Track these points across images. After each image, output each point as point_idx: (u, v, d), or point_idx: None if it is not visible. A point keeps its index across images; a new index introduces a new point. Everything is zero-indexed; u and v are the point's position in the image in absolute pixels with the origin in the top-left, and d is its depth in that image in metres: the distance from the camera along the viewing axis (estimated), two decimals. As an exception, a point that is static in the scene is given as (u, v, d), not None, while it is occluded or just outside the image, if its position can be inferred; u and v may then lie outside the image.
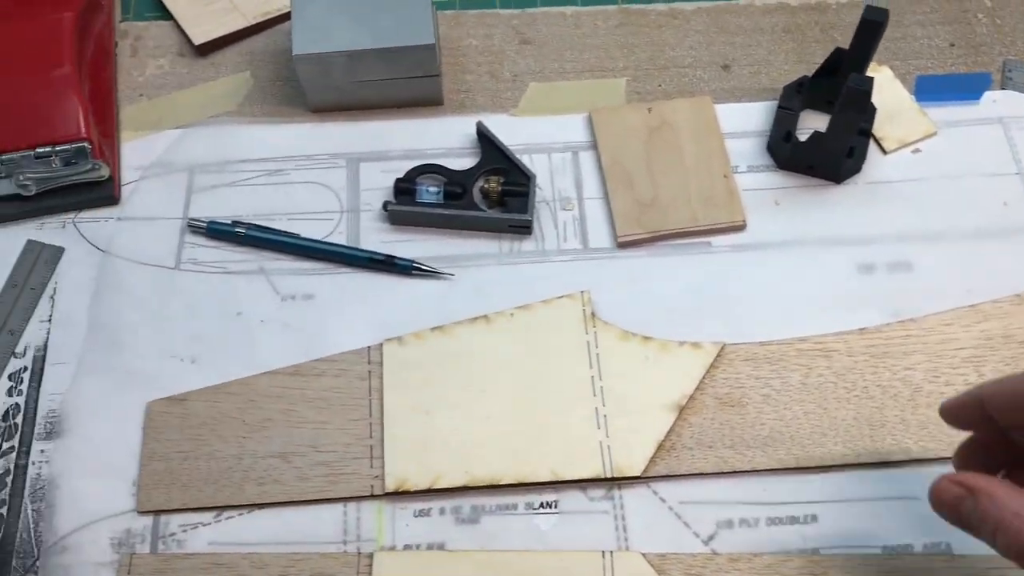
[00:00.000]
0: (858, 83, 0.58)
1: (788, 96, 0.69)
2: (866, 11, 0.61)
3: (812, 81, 0.68)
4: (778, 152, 0.67)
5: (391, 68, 0.66)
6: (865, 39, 0.62)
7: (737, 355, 0.61)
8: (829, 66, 0.67)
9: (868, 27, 0.61)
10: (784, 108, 0.68)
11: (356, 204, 0.66)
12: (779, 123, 0.67)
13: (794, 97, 0.68)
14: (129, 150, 0.67)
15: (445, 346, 0.60)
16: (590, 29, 0.73)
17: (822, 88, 0.68)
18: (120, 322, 0.61)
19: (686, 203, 0.65)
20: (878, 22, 0.61)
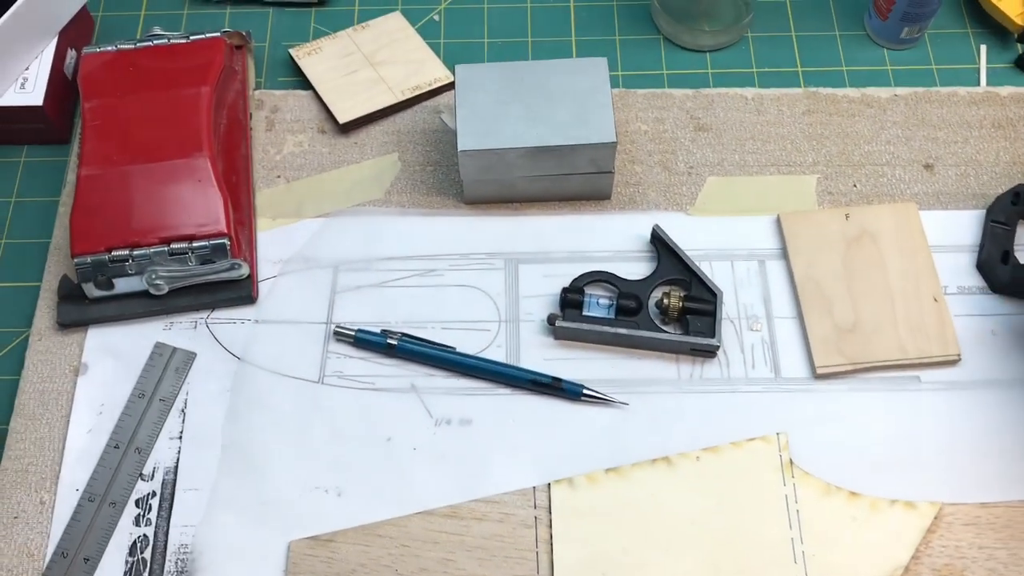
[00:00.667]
0: None
1: (1001, 208, 0.61)
2: None
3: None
4: (993, 274, 0.59)
5: (563, 165, 0.59)
6: None
7: (956, 518, 0.53)
8: None
9: None
10: (997, 223, 0.60)
11: (516, 313, 0.59)
12: (993, 240, 0.59)
13: (1009, 209, 0.60)
14: (267, 240, 0.61)
15: (622, 492, 0.53)
16: (774, 115, 0.65)
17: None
18: (258, 443, 0.55)
19: (892, 330, 0.57)
20: None
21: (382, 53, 0.67)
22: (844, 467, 0.54)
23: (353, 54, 0.67)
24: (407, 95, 0.65)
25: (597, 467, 0.54)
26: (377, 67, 0.66)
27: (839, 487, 0.53)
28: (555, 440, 0.55)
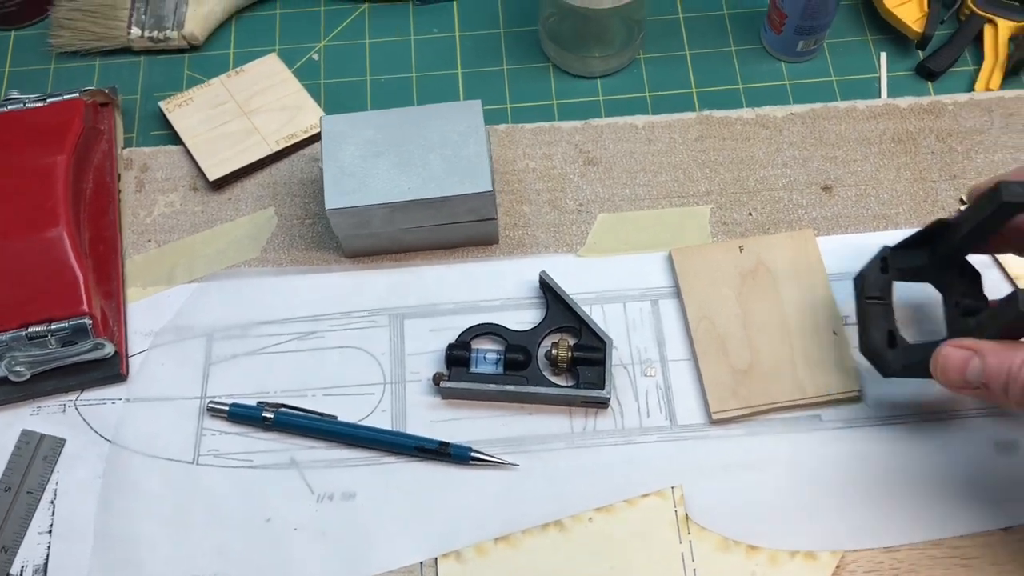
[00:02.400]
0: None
1: (873, 280, 0.53)
2: (1006, 189, 0.45)
3: (894, 253, 0.54)
4: (883, 362, 0.52)
5: (440, 215, 0.56)
6: (996, 221, 0.47)
7: (859, 565, 0.51)
8: (920, 238, 0.53)
9: (1005, 210, 0.46)
10: (873, 300, 0.53)
11: (402, 374, 0.56)
12: (873, 322, 0.53)
13: (880, 280, 0.54)
14: (137, 312, 0.58)
15: (512, 562, 0.51)
16: (666, 144, 0.63)
17: (913, 260, 0.53)
18: (132, 533, 0.52)
19: (790, 368, 0.55)
20: (1017, 204, 0.45)
21: (256, 100, 0.64)
22: (742, 520, 0.52)
23: (226, 103, 0.64)
24: (282, 145, 0.62)
25: (488, 535, 0.52)
26: (251, 116, 0.63)
27: (737, 541, 0.51)
28: (444, 509, 0.53)
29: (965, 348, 0.45)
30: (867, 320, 0.53)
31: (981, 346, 0.44)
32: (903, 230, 0.59)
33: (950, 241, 0.50)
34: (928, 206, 0.60)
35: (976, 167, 0.61)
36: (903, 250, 0.54)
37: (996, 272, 0.58)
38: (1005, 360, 0.43)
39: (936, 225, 0.51)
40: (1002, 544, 0.51)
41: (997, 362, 0.43)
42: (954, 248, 0.51)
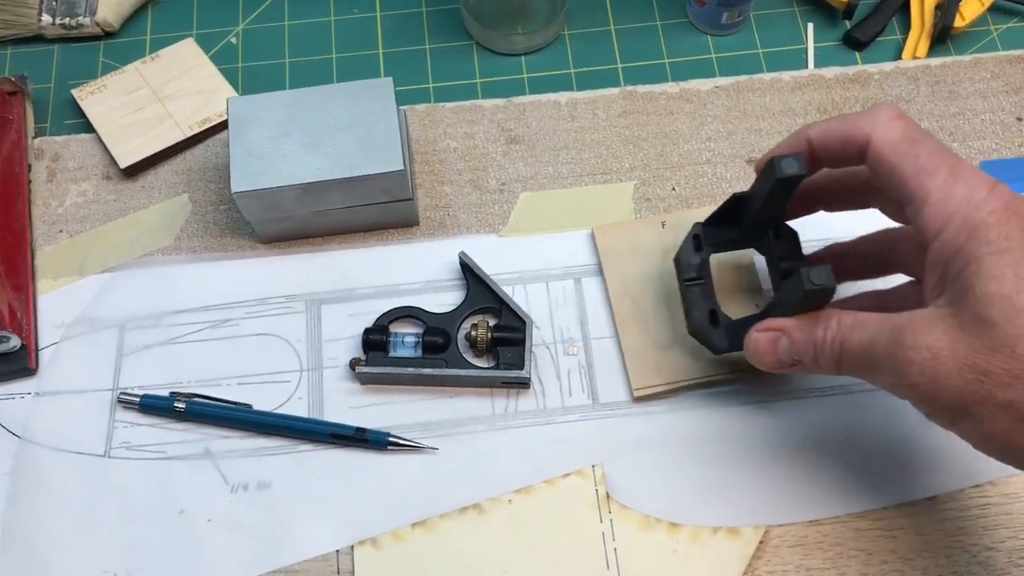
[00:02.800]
0: (820, 281, 0.42)
1: (687, 261, 0.52)
2: (777, 167, 0.44)
3: (706, 229, 0.53)
4: (710, 343, 0.51)
5: (353, 197, 0.55)
6: (781, 194, 0.47)
7: (783, 540, 0.50)
8: (726, 212, 0.52)
9: (784, 184, 0.45)
10: (691, 281, 0.52)
11: (319, 360, 0.55)
12: (695, 305, 0.52)
13: (696, 260, 0.52)
14: (47, 304, 0.57)
15: (430, 547, 0.50)
16: (589, 120, 0.62)
17: (726, 234, 0.53)
18: (40, 530, 0.51)
19: None
20: (796, 177, 0.44)
21: (171, 86, 0.63)
22: (665, 498, 0.51)
23: (140, 89, 0.62)
24: (195, 130, 0.61)
25: (407, 521, 0.51)
26: (164, 102, 0.62)
27: (659, 519, 0.50)
28: (362, 496, 0.52)
29: (772, 329, 0.45)
30: (688, 302, 0.52)
31: (784, 324, 0.45)
32: (828, 201, 0.59)
33: (751, 213, 0.50)
34: (853, 176, 0.59)
35: (902, 136, 0.61)
36: (714, 225, 0.53)
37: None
38: (810, 333, 0.43)
39: (734, 200, 0.50)
40: (927, 513, 0.50)
41: (803, 337, 0.43)
42: (758, 218, 0.50)
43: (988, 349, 0.36)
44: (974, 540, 0.50)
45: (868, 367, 0.41)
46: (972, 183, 0.39)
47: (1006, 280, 0.36)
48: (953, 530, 0.50)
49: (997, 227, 0.37)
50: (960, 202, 0.39)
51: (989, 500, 0.51)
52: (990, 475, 0.51)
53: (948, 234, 0.39)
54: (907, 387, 0.39)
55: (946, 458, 0.51)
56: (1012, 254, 0.37)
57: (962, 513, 0.50)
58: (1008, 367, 0.36)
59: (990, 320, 0.36)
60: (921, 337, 0.38)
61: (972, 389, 0.37)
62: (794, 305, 0.45)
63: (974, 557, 0.49)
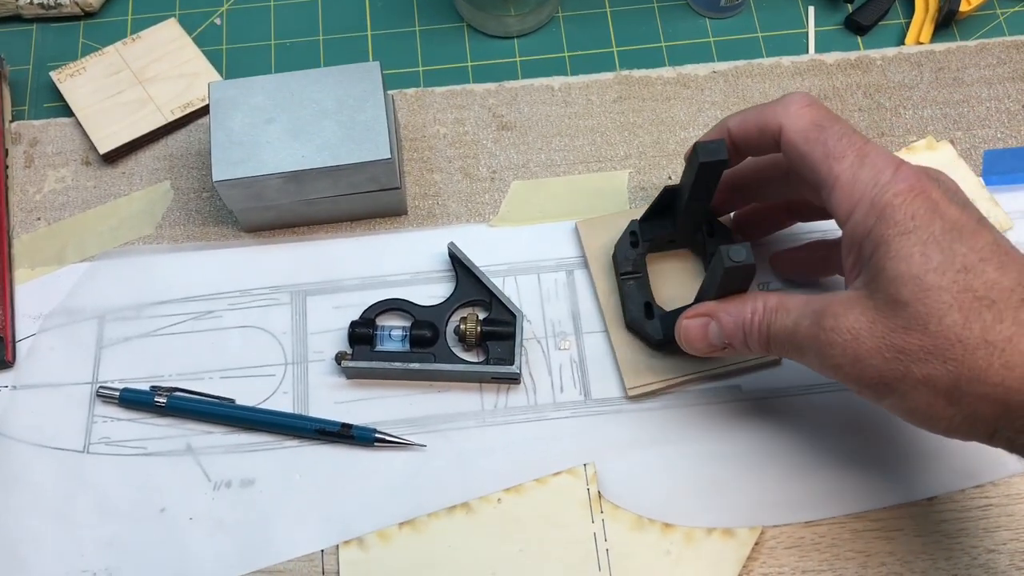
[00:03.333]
0: (738, 258, 0.42)
1: (624, 255, 0.53)
2: (698, 150, 0.45)
3: (643, 226, 0.53)
4: (646, 335, 0.51)
5: (340, 185, 0.53)
6: (706, 181, 0.47)
7: (779, 542, 0.49)
8: (660, 207, 0.52)
9: (708, 169, 0.45)
10: (627, 275, 0.52)
11: (304, 353, 0.54)
12: (630, 299, 0.52)
13: (632, 255, 0.53)
14: (25, 295, 0.55)
15: (417, 547, 0.49)
16: (583, 106, 0.60)
17: (662, 229, 0.53)
18: (18, 529, 0.50)
19: None
20: (720, 161, 0.45)
21: (152, 68, 0.61)
22: (658, 498, 0.50)
23: (121, 72, 0.61)
24: (177, 115, 0.59)
25: (393, 520, 0.49)
26: (146, 85, 0.60)
27: (652, 519, 0.49)
28: (347, 494, 0.50)
29: (700, 315, 0.46)
30: (624, 296, 0.52)
31: (712, 308, 0.45)
32: (828, 191, 0.57)
33: (682, 204, 0.50)
34: (854, 165, 0.58)
35: (904, 123, 0.59)
36: (649, 221, 0.53)
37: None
38: (737, 316, 0.44)
39: (666, 192, 0.50)
40: (927, 514, 0.49)
41: (731, 320, 0.44)
42: (689, 212, 0.50)
43: (903, 328, 0.37)
44: (975, 542, 0.48)
45: (794, 348, 0.42)
46: (878, 165, 0.40)
47: (914, 260, 0.37)
48: (953, 531, 0.49)
49: (903, 208, 0.38)
50: (866, 185, 0.40)
51: (990, 501, 0.49)
52: (991, 475, 0.50)
53: (857, 217, 0.40)
54: (832, 367, 0.40)
55: (946, 457, 0.50)
56: (918, 233, 0.38)
57: (962, 514, 0.49)
58: (922, 343, 0.37)
59: (902, 300, 0.37)
60: (841, 319, 0.39)
61: (891, 367, 0.38)
62: (718, 285, 0.45)
63: (975, 559, 0.48)
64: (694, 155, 0.46)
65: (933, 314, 0.37)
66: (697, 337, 0.46)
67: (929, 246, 0.38)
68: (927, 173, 0.40)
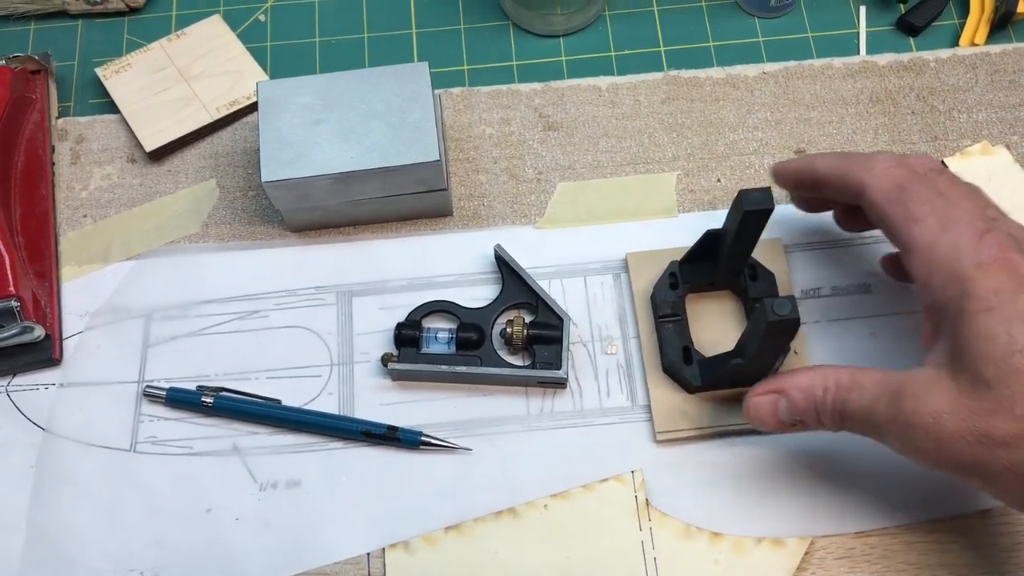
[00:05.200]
0: (783, 311, 0.40)
1: (663, 299, 0.52)
2: (743, 199, 0.44)
3: (683, 267, 0.52)
4: (683, 380, 0.50)
5: (387, 187, 0.53)
6: (750, 228, 0.46)
7: (829, 552, 0.48)
8: (701, 249, 0.51)
9: (753, 218, 0.45)
10: (666, 318, 0.51)
11: (350, 354, 0.53)
12: (669, 343, 0.51)
13: (672, 298, 0.52)
14: (71, 292, 0.55)
15: (463, 552, 0.48)
16: (630, 107, 0.59)
17: (703, 272, 0.52)
18: (66, 525, 0.50)
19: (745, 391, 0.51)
20: (765, 210, 0.44)
21: (198, 65, 0.61)
22: (706, 506, 0.49)
23: (166, 68, 0.60)
24: (223, 112, 0.59)
25: (439, 524, 0.49)
26: (191, 82, 0.60)
27: (700, 528, 0.49)
28: (393, 497, 0.50)
29: (769, 391, 0.44)
30: (662, 339, 0.51)
31: (781, 384, 0.43)
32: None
33: (723, 250, 0.49)
34: (907, 170, 0.57)
35: (959, 127, 0.58)
36: (690, 263, 0.52)
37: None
38: (809, 393, 0.42)
39: (708, 236, 0.50)
40: (981, 528, 0.48)
41: (802, 398, 0.42)
42: (731, 257, 0.49)
43: (987, 412, 0.36)
44: (1029, 556, 0.48)
45: (872, 429, 0.40)
46: (960, 232, 0.39)
47: (998, 340, 0.36)
48: (1008, 545, 0.48)
49: (985, 281, 0.37)
50: (946, 253, 0.38)
51: (1045, 514, 0.49)
52: (1047, 488, 0.49)
53: (935, 286, 0.39)
54: (912, 451, 0.39)
55: (1000, 469, 0.49)
56: (1003, 311, 0.36)
57: (1018, 528, 0.48)
58: (1008, 428, 0.35)
59: (986, 381, 0.36)
60: (921, 402, 0.38)
61: (975, 452, 0.36)
62: (760, 338, 0.43)
63: (1029, 574, 0.47)
64: (738, 202, 0.45)
65: (1020, 398, 0.35)
66: (767, 414, 0.44)
67: (1014, 324, 0.36)
68: (1015, 242, 0.38)
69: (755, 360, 0.46)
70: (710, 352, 0.51)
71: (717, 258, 0.51)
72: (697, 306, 0.53)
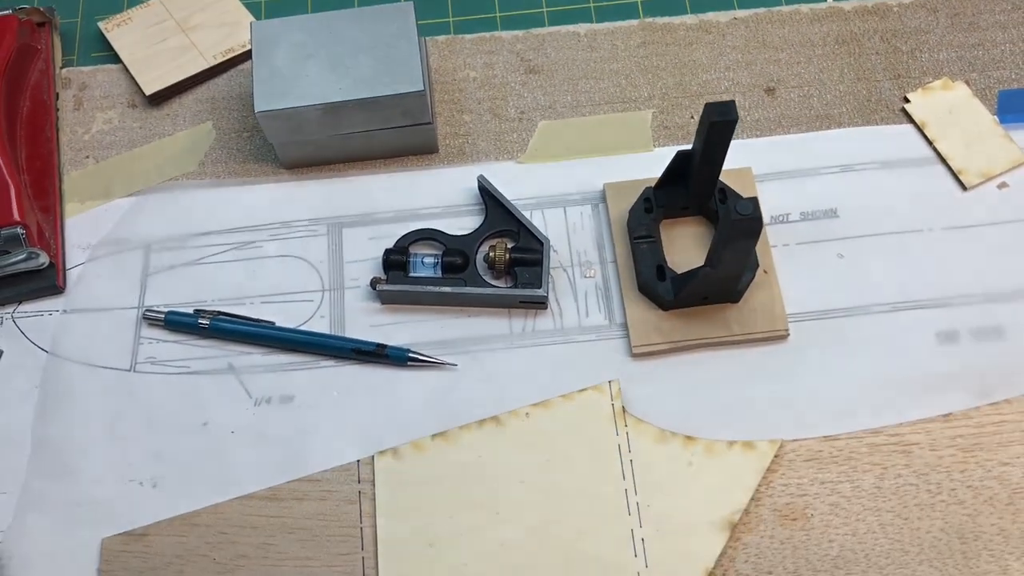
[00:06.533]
0: (746, 211, 0.43)
1: (638, 221, 0.55)
2: (708, 111, 0.46)
3: (657, 192, 0.55)
4: (657, 296, 0.53)
5: (374, 119, 0.55)
6: (716, 141, 0.49)
7: (798, 454, 0.51)
8: (673, 173, 0.54)
9: (718, 130, 0.47)
10: (641, 239, 0.54)
11: (340, 280, 0.56)
12: (643, 262, 0.54)
13: (647, 220, 0.55)
14: (74, 226, 0.58)
15: (449, 457, 0.51)
16: (608, 51, 0.62)
17: (676, 196, 0.55)
18: (69, 440, 0.52)
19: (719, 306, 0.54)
20: (729, 121, 0.47)
21: (195, 18, 0.64)
22: (680, 413, 0.51)
23: (165, 21, 0.63)
24: (219, 59, 0.62)
25: (426, 434, 0.52)
26: (189, 32, 0.63)
27: (674, 433, 0.51)
28: (382, 410, 0.52)
29: None
30: (637, 259, 0.54)
31: None
32: (846, 128, 0.59)
33: (694, 168, 0.52)
34: (872, 104, 0.60)
35: (921, 66, 0.61)
36: (664, 188, 0.55)
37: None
38: None
39: (679, 157, 0.53)
40: (942, 430, 0.51)
41: None
42: (701, 176, 0.52)
43: None
44: (989, 455, 0.50)
45: None
46: None
47: None
48: (968, 446, 0.50)
49: None
50: None
51: (1005, 418, 0.51)
52: (1007, 393, 0.51)
53: None
54: None
55: (961, 376, 0.52)
56: None
57: (977, 430, 0.51)
58: None
59: None
60: None
61: None
62: (726, 240, 0.45)
63: (988, 472, 0.49)
64: (705, 115, 0.47)
65: None
66: None
67: None
68: None
69: (724, 267, 0.48)
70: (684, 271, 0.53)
71: (689, 182, 0.54)
72: (671, 232, 0.56)
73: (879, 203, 0.57)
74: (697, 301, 0.53)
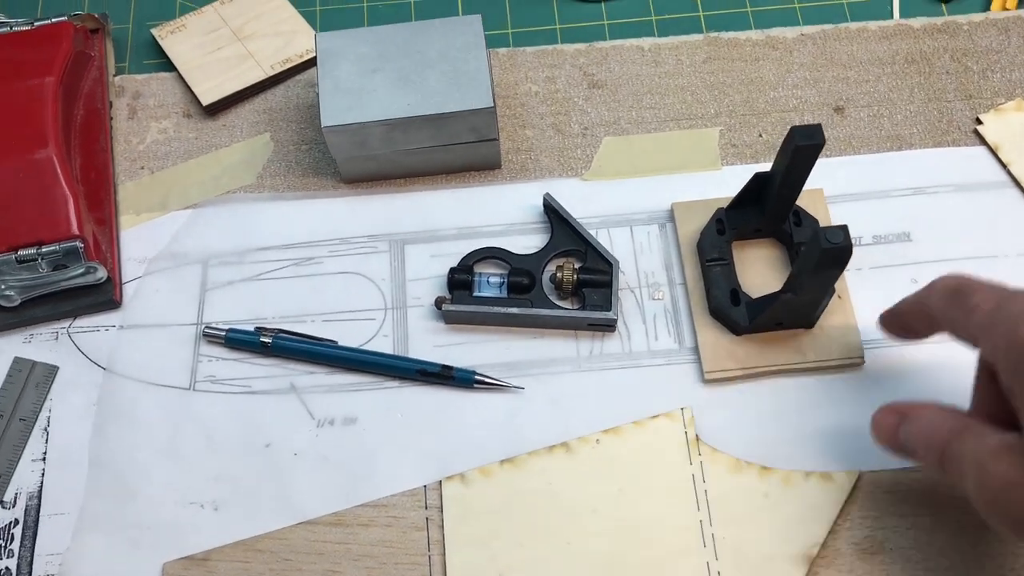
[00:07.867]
0: (836, 239, 0.42)
1: (710, 243, 0.53)
2: (796, 134, 0.45)
3: (729, 213, 0.54)
4: (731, 321, 0.52)
5: (440, 135, 0.54)
6: (799, 165, 0.48)
7: (877, 486, 0.49)
8: (748, 194, 0.52)
9: (803, 154, 0.46)
10: (714, 262, 0.53)
11: (403, 299, 0.55)
12: (716, 285, 0.52)
13: (719, 243, 0.53)
14: (130, 239, 0.57)
15: (518, 484, 0.50)
16: (673, 66, 0.61)
17: (749, 218, 0.54)
18: (127, 460, 0.51)
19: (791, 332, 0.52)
20: (815, 145, 0.46)
21: (251, 26, 0.62)
22: (755, 441, 0.50)
23: (219, 29, 0.62)
24: (277, 70, 0.60)
25: (493, 459, 0.50)
26: (245, 42, 0.62)
27: (750, 462, 0.50)
28: (447, 433, 0.51)
29: (894, 413, 0.44)
30: (710, 282, 0.53)
31: (908, 410, 0.43)
32: (917, 150, 0.58)
33: (772, 192, 0.50)
34: (943, 125, 0.58)
35: (993, 86, 0.60)
36: (736, 209, 0.53)
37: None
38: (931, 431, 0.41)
39: (755, 180, 0.51)
40: (1022, 463, 0.49)
41: (917, 429, 0.42)
42: (779, 199, 0.51)
43: None
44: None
45: None
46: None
47: None
48: (1050, 479, 0.49)
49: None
50: None
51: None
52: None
53: None
54: None
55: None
56: None
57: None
58: None
59: None
60: None
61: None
62: (814, 267, 0.44)
63: (1072, 507, 0.48)
64: (790, 138, 0.46)
65: None
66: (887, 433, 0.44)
67: None
68: None
69: (805, 294, 0.47)
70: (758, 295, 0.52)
71: (763, 204, 0.52)
72: (742, 254, 0.55)
73: (952, 227, 0.55)
74: (771, 327, 0.52)
